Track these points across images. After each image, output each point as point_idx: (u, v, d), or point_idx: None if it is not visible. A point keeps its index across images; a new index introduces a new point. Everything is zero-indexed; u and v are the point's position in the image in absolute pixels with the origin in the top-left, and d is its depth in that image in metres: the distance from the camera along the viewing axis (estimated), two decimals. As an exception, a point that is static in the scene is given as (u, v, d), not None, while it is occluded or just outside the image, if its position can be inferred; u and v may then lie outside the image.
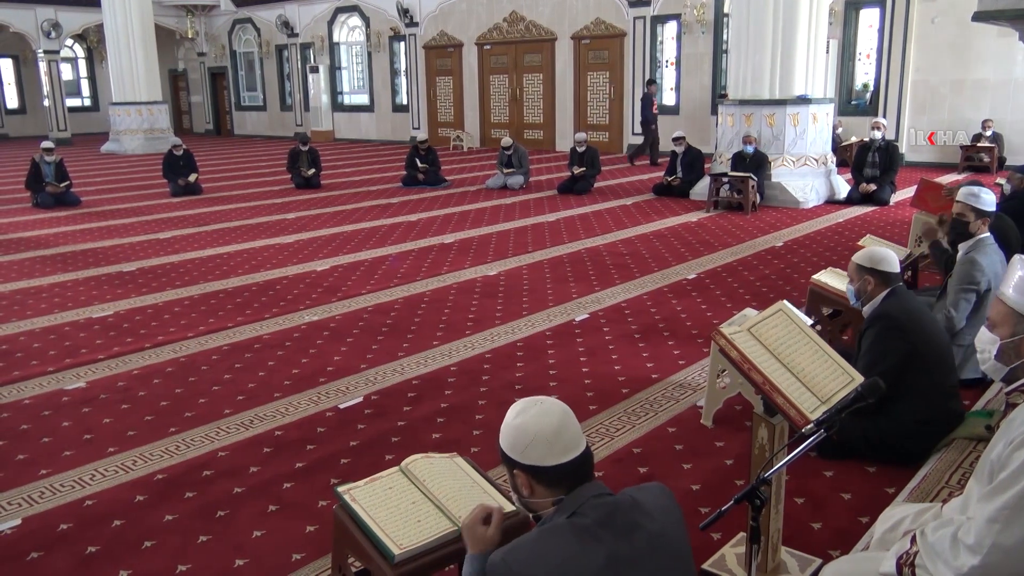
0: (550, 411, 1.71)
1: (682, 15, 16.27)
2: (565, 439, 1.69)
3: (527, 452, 1.68)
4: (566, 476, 1.68)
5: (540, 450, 1.67)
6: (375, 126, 22.74)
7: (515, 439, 1.71)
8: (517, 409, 1.75)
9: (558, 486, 1.69)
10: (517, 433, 1.70)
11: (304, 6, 23.31)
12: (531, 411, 1.72)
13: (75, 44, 27.25)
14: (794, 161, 10.39)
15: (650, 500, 1.73)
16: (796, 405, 2.30)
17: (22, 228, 9.76)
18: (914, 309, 3.43)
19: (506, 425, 1.74)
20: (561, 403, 1.76)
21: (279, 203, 11.39)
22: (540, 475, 1.69)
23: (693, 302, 5.98)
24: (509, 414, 1.75)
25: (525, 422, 1.70)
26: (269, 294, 6.41)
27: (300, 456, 3.60)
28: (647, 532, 1.65)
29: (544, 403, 1.74)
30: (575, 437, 1.71)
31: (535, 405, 1.73)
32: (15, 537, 3.00)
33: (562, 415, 1.71)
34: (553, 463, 1.67)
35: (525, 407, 1.74)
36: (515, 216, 9.89)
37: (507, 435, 1.73)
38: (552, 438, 1.68)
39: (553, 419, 1.70)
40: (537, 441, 1.68)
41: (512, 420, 1.73)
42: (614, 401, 4.15)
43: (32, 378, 4.64)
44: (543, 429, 1.68)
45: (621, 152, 17.50)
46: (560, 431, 1.69)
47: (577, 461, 1.69)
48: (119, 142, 20.62)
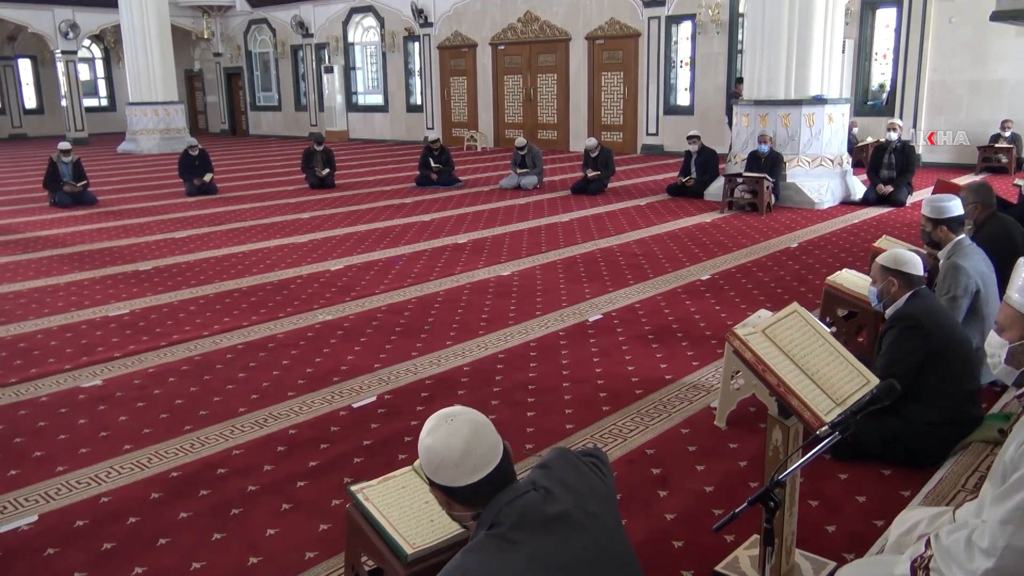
0: (457, 431, 1.67)
1: (697, 15, 16.22)
2: (473, 459, 1.65)
3: (437, 473, 1.67)
4: (479, 493, 1.66)
5: (449, 472, 1.65)
6: (389, 126, 22.80)
7: (426, 460, 1.69)
8: (428, 427, 1.71)
9: (473, 502, 1.68)
10: (427, 454, 1.68)
11: (319, 6, 23.40)
12: (439, 431, 1.68)
13: (92, 44, 27.48)
14: (809, 162, 10.34)
15: (556, 478, 1.72)
16: (811, 407, 2.29)
17: (40, 227, 9.85)
18: (938, 311, 3.41)
19: (420, 442, 1.71)
20: (472, 418, 1.71)
21: (293, 203, 11.44)
22: (453, 494, 1.68)
23: (707, 303, 5.96)
24: (423, 431, 1.72)
25: (433, 443, 1.67)
26: (283, 293, 6.44)
27: (314, 455, 3.61)
28: (562, 517, 1.64)
29: (454, 421, 1.69)
30: (486, 454, 1.66)
31: (444, 424, 1.69)
32: (32, 533, 3.02)
33: (469, 435, 1.66)
34: (464, 483, 1.65)
35: (435, 426, 1.70)
36: (529, 216, 9.89)
37: (420, 455, 1.70)
38: (459, 460, 1.65)
39: (459, 440, 1.65)
40: (445, 463, 1.65)
41: (423, 439, 1.70)
42: (627, 402, 4.14)
43: (49, 376, 4.68)
44: (450, 452, 1.65)
45: (635, 152, 17.47)
46: (467, 453, 1.65)
47: (488, 478, 1.65)
48: (135, 142, 20.76)
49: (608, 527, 1.73)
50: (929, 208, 4.15)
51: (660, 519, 3.02)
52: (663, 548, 2.83)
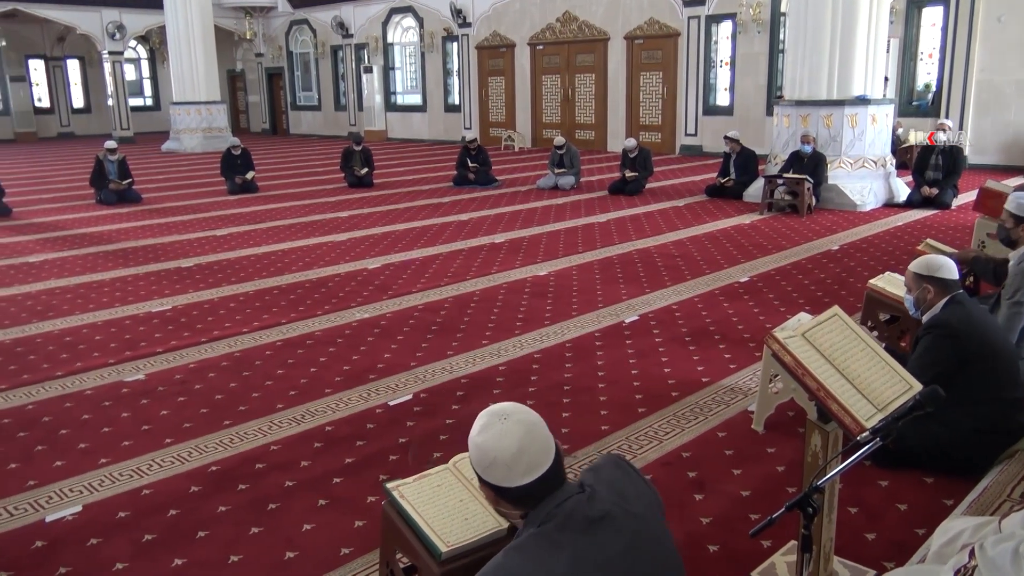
0: (510, 432, 1.65)
1: (737, 14, 16.05)
2: (525, 461, 1.64)
3: (488, 472, 1.66)
4: (529, 494, 1.65)
5: (500, 472, 1.64)
6: (427, 126, 22.92)
7: (477, 457, 1.68)
8: (481, 423, 1.70)
9: (523, 503, 1.67)
10: (478, 452, 1.68)
11: (359, 7, 23.60)
12: (492, 430, 1.67)
13: (138, 45, 28.05)
14: (852, 163, 10.18)
15: (604, 479, 1.71)
16: (851, 412, 2.25)
17: (86, 224, 10.07)
18: (976, 317, 3.33)
19: (471, 439, 1.70)
20: (527, 419, 1.69)
21: (332, 202, 11.55)
22: (502, 494, 1.67)
23: (745, 305, 5.90)
24: (474, 427, 1.71)
25: (485, 442, 1.66)
26: (321, 291, 6.50)
27: (350, 452, 3.64)
28: (604, 518, 1.63)
29: (507, 421, 1.67)
30: (537, 456, 1.65)
31: (497, 423, 1.67)
32: (77, 523, 3.09)
33: (522, 436, 1.65)
34: (514, 484, 1.64)
35: (488, 423, 1.69)
36: (565, 216, 9.87)
37: (471, 451, 1.70)
38: (511, 462, 1.63)
39: (512, 442, 1.64)
40: (497, 464, 1.64)
41: (475, 437, 1.69)
42: (663, 404, 4.11)
43: (94, 369, 4.78)
44: (502, 452, 1.64)
45: (674, 153, 17.35)
46: (519, 455, 1.63)
47: (539, 481, 1.65)
48: (179, 141, 21.14)
49: (652, 529, 1.72)
50: (1015, 205, 4.06)
51: (696, 523, 3.00)
52: (698, 552, 2.81)
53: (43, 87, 26.84)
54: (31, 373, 4.73)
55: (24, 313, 6.01)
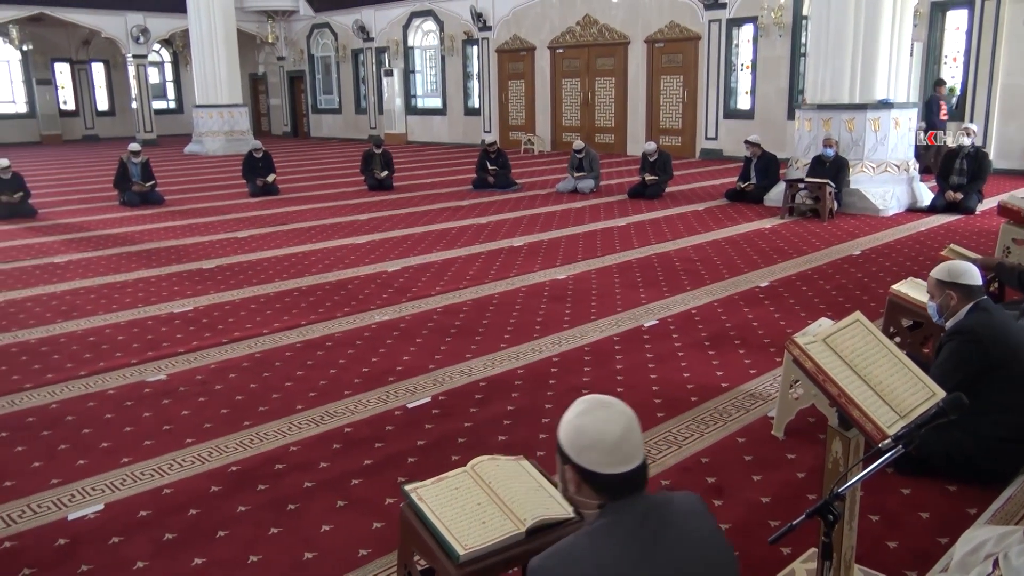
0: (615, 419, 1.65)
1: (759, 18, 15.98)
2: (624, 450, 1.63)
3: (583, 454, 1.64)
4: (617, 486, 1.64)
5: (596, 456, 1.63)
6: (447, 129, 22.98)
7: (574, 437, 1.66)
8: (583, 407, 1.69)
9: (606, 492, 1.65)
10: (577, 432, 1.65)
11: (380, 11, 23.72)
12: (596, 413, 1.66)
13: (162, 49, 28.33)
14: (874, 167, 10.09)
15: (681, 502, 1.72)
16: (873, 419, 2.23)
17: (109, 225, 10.17)
18: (1001, 324, 3.29)
19: (569, 421, 1.69)
20: (628, 410, 1.70)
21: (352, 204, 11.60)
22: (591, 479, 1.65)
23: (766, 310, 5.87)
24: (574, 409, 1.70)
25: (586, 424, 1.65)
26: (341, 293, 6.53)
27: (369, 453, 3.66)
28: (683, 542, 1.64)
29: (611, 408, 1.68)
30: (634, 449, 1.65)
31: (601, 408, 1.68)
32: (98, 522, 3.12)
33: (627, 424, 1.65)
34: (607, 472, 1.63)
35: (590, 407, 1.68)
36: (585, 220, 9.86)
37: (567, 430, 1.68)
38: (612, 448, 1.62)
39: (616, 428, 1.64)
40: (596, 447, 1.63)
41: (576, 417, 1.68)
42: (682, 409, 4.10)
43: (116, 369, 4.83)
44: (604, 437, 1.63)
45: (694, 156, 17.29)
46: (621, 442, 1.63)
47: (631, 474, 1.64)
48: (201, 143, 21.32)
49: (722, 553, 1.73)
50: None
51: (714, 529, 2.97)
52: (717, 558, 2.79)
53: (68, 90, 27.18)
54: (55, 372, 4.79)
55: (49, 313, 6.09)
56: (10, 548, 2.95)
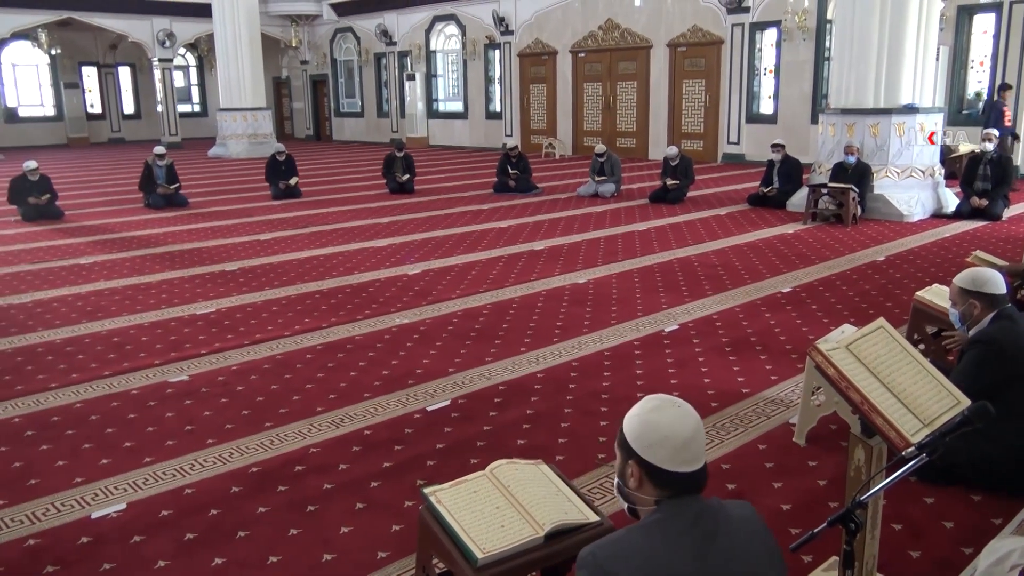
0: (686, 417, 1.70)
1: (783, 22, 15.88)
2: (692, 449, 1.68)
3: (651, 449, 1.67)
4: (678, 484, 1.67)
5: (665, 452, 1.66)
6: (468, 133, 23.04)
7: (643, 432, 1.69)
8: (654, 403, 1.73)
9: (668, 490, 1.68)
10: (648, 428, 1.69)
11: (403, 15, 23.83)
12: (668, 411, 1.71)
13: (187, 53, 28.65)
14: (899, 172, 9.99)
15: (735, 509, 1.74)
16: (896, 427, 2.21)
17: (134, 227, 10.29)
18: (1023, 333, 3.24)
19: (638, 416, 1.72)
20: (696, 413, 1.74)
21: (374, 207, 11.66)
22: (655, 475, 1.68)
23: (787, 316, 5.82)
24: (643, 405, 1.74)
25: (659, 419, 1.69)
26: (362, 296, 6.56)
27: (388, 456, 3.67)
28: (730, 538, 1.65)
29: (682, 407, 1.72)
30: (700, 450, 1.70)
31: (671, 407, 1.72)
32: (121, 521, 3.15)
33: (696, 425, 1.70)
34: (672, 469, 1.66)
35: (662, 404, 1.73)
36: (606, 224, 9.85)
37: (636, 425, 1.71)
38: (682, 445, 1.67)
39: (687, 427, 1.69)
40: (666, 443, 1.67)
41: (646, 413, 1.71)
42: (703, 415, 4.00)
43: (140, 370, 4.88)
44: (676, 433, 1.67)
45: (716, 161, 17.22)
46: (690, 441, 1.68)
47: (695, 474, 1.68)
48: (225, 146, 21.51)
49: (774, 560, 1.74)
50: None
51: (734, 536, 2.95)
52: (737, 565, 2.77)
53: (95, 93, 27.57)
54: (80, 372, 4.84)
55: (74, 313, 6.16)
56: (34, 546, 2.98)
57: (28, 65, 26.12)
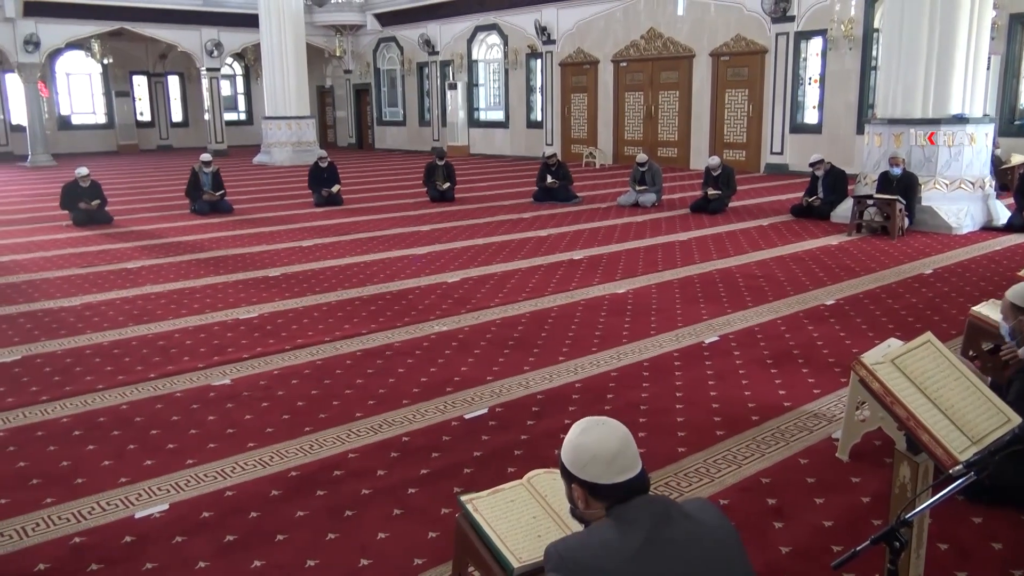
0: (611, 434, 1.84)
1: (828, 31, 15.68)
2: (622, 461, 1.80)
3: (585, 469, 1.81)
4: (619, 492, 1.79)
5: (598, 469, 1.80)
6: (509, 142, 23.11)
7: (576, 456, 1.83)
8: (581, 427, 1.87)
9: (609, 499, 1.80)
10: (578, 450, 1.83)
11: (446, 25, 24.02)
12: (593, 432, 1.84)
13: (234, 62, 29.19)
14: (947, 184, 9.78)
15: (690, 504, 1.87)
16: (943, 444, 2.16)
17: (180, 233, 10.49)
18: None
19: (569, 442, 1.86)
20: (622, 427, 1.87)
21: (414, 215, 11.74)
22: (595, 491, 1.80)
23: (831, 329, 5.73)
24: (573, 431, 1.88)
25: (586, 442, 1.83)
26: (402, 303, 6.60)
27: (425, 463, 3.68)
28: (685, 524, 1.77)
29: (605, 425, 1.86)
30: (631, 459, 1.82)
31: (596, 426, 1.86)
32: (163, 521, 3.20)
33: (622, 438, 1.84)
34: (609, 482, 1.79)
35: (588, 427, 1.86)
36: (646, 234, 9.79)
37: (569, 451, 1.85)
38: (611, 459, 1.80)
39: (613, 442, 1.82)
40: (596, 461, 1.80)
41: (575, 438, 1.86)
42: (743, 428, 4.02)
43: (184, 373, 4.96)
44: (603, 451, 1.80)
45: (758, 171, 17.04)
46: (618, 454, 1.81)
47: (631, 481, 1.80)
48: (269, 154, 21.85)
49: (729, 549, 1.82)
50: None
51: (775, 551, 2.91)
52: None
53: (145, 102, 28.27)
54: (126, 374, 4.94)
55: (121, 316, 6.30)
56: (80, 544, 3.05)
57: (81, 74, 26.85)
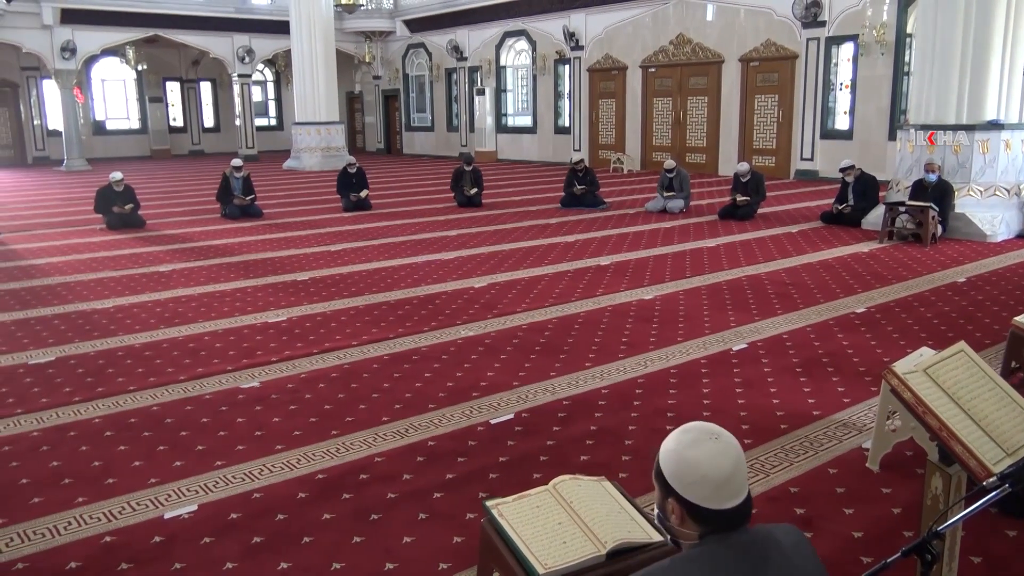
0: (726, 452, 1.61)
1: (860, 35, 15.52)
2: (733, 485, 1.60)
3: (690, 488, 1.60)
4: (722, 520, 1.60)
5: (705, 491, 1.59)
6: (537, 147, 23.12)
7: (682, 471, 1.61)
8: (690, 438, 1.64)
9: (710, 526, 1.61)
10: (686, 466, 1.61)
11: (474, 31, 24.12)
12: (707, 446, 1.62)
13: (265, 68, 29.51)
14: (981, 191, 9.64)
15: (783, 537, 1.66)
16: (977, 455, 2.12)
17: (211, 237, 10.62)
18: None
19: (675, 451, 1.63)
20: (736, 443, 1.66)
21: (442, 220, 11.78)
22: (696, 513, 1.61)
23: (861, 337, 5.66)
24: (680, 439, 1.65)
25: (698, 456, 1.60)
26: (429, 308, 6.63)
27: (451, 467, 3.69)
28: (780, 566, 1.58)
29: (721, 440, 1.63)
30: (742, 483, 1.62)
31: (711, 440, 1.63)
32: (192, 522, 3.24)
33: (736, 459, 1.62)
34: (714, 507, 1.59)
35: (699, 438, 1.63)
36: (673, 240, 9.75)
37: (673, 463, 1.63)
38: (722, 483, 1.59)
39: (727, 462, 1.60)
40: (705, 481, 1.59)
41: (683, 450, 1.62)
42: (771, 436, 3.98)
43: (213, 375, 5.02)
44: (715, 472, 1.59)
45: (788, 177, 16.88)
46: (731, 478, 1.60)
47: (738, 508, 1.60)
48: (299, 159, 22.04)
49: None
50: None
51: (803, 562, 2.87)
52: (805, 593, 2.69)
53: (178, 107, 28.69)
54: (157, 376, 5.01)
55: (153, 319, 6.38)
56: (110, 543, 3.09)
57: (116, 80, 27.29)
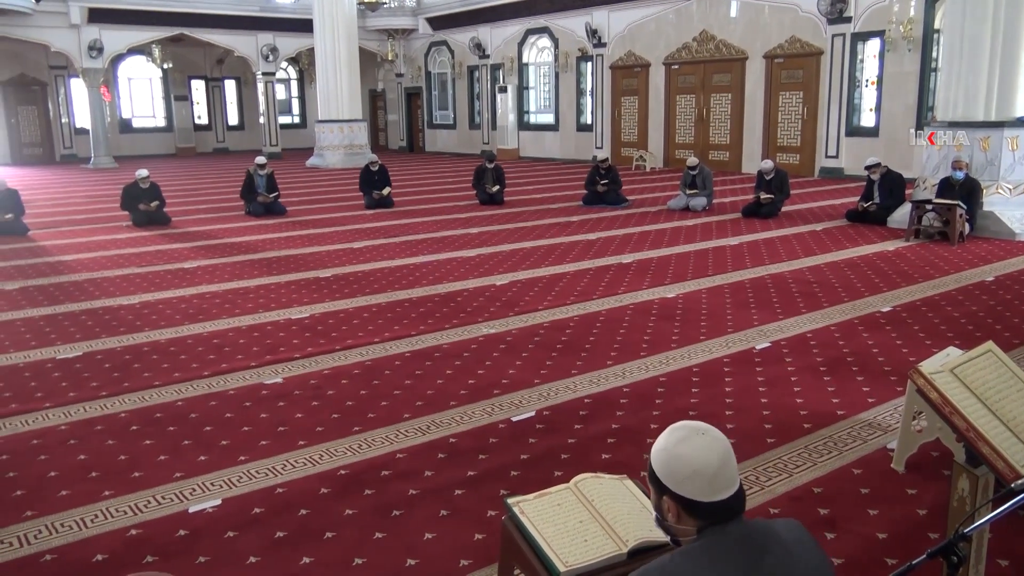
0: (713, 446, 1.66)
1: (886, 32, 15.35)
2: (724, 477, 1.65)
3: (683, 484, 1.65)
4: (717, 512, 1.64)
5: (697, 485, 1.64)
6: (559, 145, 23.09)
7: (673, 468, 1.66)
8: (679, 436, 1.69)
9: (706, 519, 1.65)
10: (677, 463, 1.66)
11: (496, 28, 24.12)
12: (693, 442, 1.67)
13: (289, 66, 29.70)
14: (1011, 189, 9.50)
15: (784, 530, 1.69)
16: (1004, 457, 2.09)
17: (235, 234, 10.71)
18: None
19: (665, 450, 1.69)
20: (723, 436, 1.70)
21: (464, 218, 11.80)
22: (691, 507, 1.65)
23: (887, 337, 5.60)
24: (668, 438, 1.70)
25: (687, 452, 1.66)
26: (450, 305, 6.64)
27: (472, 464, 3.69)
28: (782, 560, 1.61)
29: (708, 435, 1.68)
30: (732, 475, 1.66)
31: (698, 435, 1.68)
32: (215, 516, 3.27)
33: (724, 451, 1.67)
34: (707, 500, 1.63)
35: (688, 435, 1.69)
36: (696, 238, 9.69)
37: (664, 461, 1.68)
38: (713, 476, 1.64)
39: (715, 456, 1.65)
40: (697, 476, 1.64)
41: (672, 447, 1.68)
42: (794, 436, 3.95)
43: (237, 371, 5.06)
44: (704, 465, 1.64)
45: (812, 175, 16.74)
46: (720, 470, 1.64)
47: (730, 500, 1.64)
48: (322, 157, 22.17)
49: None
50: None
51: (826, 563, 2.85)
52: (828, 594, 2.67)
53: (203, 106, 28.96)
54: (181, 372, 5.06)
55: (178, 315, 6.45)
56: (136, 536, 3.13)
57: (142, 79, 27.59)
